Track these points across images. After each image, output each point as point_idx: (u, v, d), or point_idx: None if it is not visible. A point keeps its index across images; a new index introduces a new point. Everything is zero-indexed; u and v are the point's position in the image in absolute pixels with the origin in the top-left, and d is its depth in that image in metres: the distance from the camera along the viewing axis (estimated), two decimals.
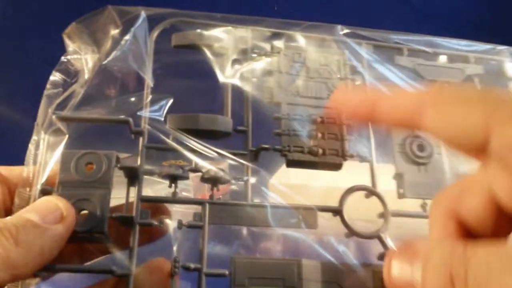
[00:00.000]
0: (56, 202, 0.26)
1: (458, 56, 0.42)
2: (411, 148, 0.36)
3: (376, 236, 0.33)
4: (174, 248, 0.28)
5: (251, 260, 0.30)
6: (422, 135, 0.37)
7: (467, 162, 0.37)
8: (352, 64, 0.37)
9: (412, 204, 0.35)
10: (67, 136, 0.30)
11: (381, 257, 0.32)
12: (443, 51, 0.42)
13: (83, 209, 0.28)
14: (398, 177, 0.36)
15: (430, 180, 0.36)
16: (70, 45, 0.34)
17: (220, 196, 0.32)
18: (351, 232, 0.32)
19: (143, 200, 0.30)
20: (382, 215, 0.34)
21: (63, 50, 0.33)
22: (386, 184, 0.36)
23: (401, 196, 0.35)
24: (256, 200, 0.32)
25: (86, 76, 0.32)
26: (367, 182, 0.35)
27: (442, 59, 0.42)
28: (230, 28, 0.35)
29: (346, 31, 0.39)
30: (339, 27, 0.39)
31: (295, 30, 0.37)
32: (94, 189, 0.28)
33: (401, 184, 0.35)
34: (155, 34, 0.34)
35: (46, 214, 0.26)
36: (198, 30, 0.35)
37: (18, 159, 0.31)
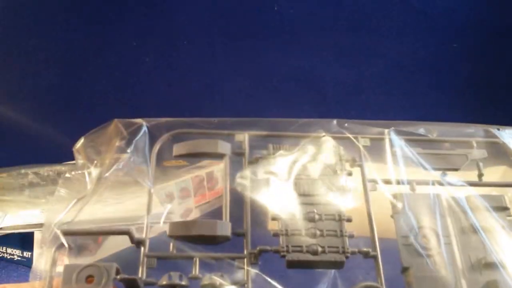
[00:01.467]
0: None
1: (459, 141, 0.42)
2: (416, 239, 0.36)
3: None
4: None
5: None
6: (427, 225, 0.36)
7: (479, 250, 0.36)
8: (349, 157, 0.38)
9: None
10: (70, 248, 0.31)
11: None
12: (443, 138, 0.42)
13: None
14: (405, 271, 0.35)
15: (440, 273, 0.35)
16: (79, 159, 0.37)
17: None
18: None
19: None
20: None
21: None
22: None
23: None
24: None
25: (90, 189, 0.34)
26: None
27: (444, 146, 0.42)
28: (227, 133, 0.37)
29: (343, 124, 0.40)
30: (334, 121, 0.40)
31: (289, 129, 0.38)
32: None
33: (409, 279, 0.34)
34: (157, 147, 0.36)
35: None
36: (197, 140, 0.36)
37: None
